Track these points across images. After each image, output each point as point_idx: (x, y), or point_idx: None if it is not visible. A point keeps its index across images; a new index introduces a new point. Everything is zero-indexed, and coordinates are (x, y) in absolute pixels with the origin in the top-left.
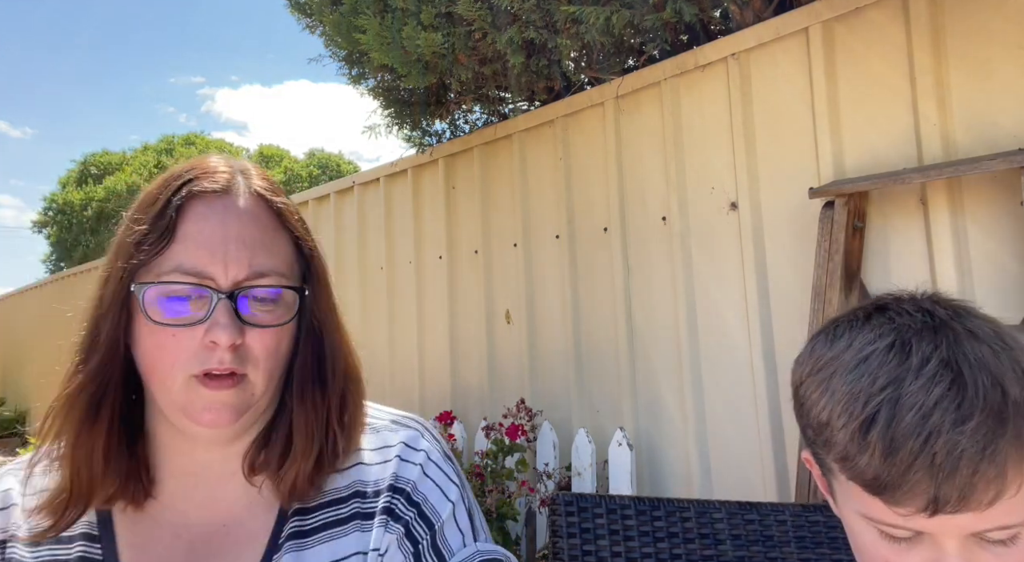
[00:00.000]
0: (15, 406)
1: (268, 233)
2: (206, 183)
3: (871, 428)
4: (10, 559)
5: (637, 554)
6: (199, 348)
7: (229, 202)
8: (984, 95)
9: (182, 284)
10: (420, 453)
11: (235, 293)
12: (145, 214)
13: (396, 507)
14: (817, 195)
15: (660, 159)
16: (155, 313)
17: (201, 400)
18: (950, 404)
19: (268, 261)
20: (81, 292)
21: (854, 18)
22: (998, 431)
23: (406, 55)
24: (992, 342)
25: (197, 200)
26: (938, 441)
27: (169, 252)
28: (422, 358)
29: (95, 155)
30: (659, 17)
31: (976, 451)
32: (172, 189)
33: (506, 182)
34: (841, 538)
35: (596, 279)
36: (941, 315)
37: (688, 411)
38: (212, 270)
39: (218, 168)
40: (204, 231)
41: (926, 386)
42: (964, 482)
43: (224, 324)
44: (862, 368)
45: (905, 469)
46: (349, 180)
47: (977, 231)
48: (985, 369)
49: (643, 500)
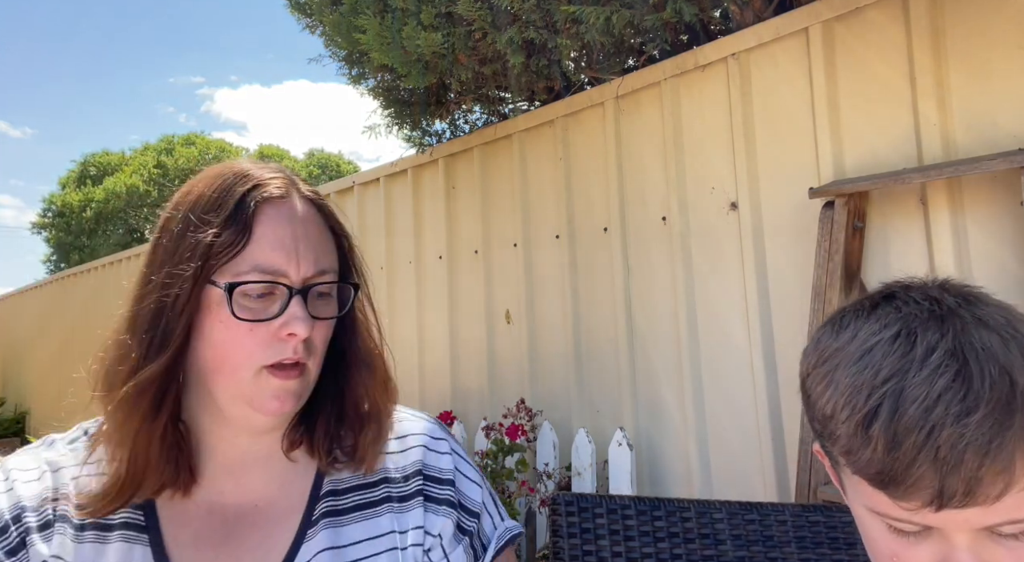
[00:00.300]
0: (15, 406)
1: (322, 233)
2: (272, 189)
3: (874, 421)
4: (62, 515)
5: (637, 554)
6: (273, 340)
7: (291, 205)
8: (984, 95)
9: (263, 282)
10: (445, 443)
11: (305, 289)
12: (215, 217)
13: (434, 493)
14: (817, 195)
15: (660, 159)
16: (239, 309)
17: (270, 389)
18: (954, 396)
19: (325, 259)
20: (81, 292)
21: (854, 18)
22: (1005, 423)
23: (406, 55)
24: (1002, 330)
25: (266, 204)
26: (942, 434)
27: (246, 252)
28: (422, 358)
29: (95, 155)
30: (659, 17)
31: (982, 444)
32: (238, 194)
33: (506, 182)
34: (841, 538)
35: (596, 279)
36: (949, 303)
37: (688, 411)
38: (287, 268)
39: (273, 175)
40: (277, 232)
41: (930, 377)
42: (970, 476)
43: (302, 317)
44: (865, 359)
45: (909, 463)
46: (349, 180)
47: (977, 231)
48: (993, 358)
49: (643, 500)
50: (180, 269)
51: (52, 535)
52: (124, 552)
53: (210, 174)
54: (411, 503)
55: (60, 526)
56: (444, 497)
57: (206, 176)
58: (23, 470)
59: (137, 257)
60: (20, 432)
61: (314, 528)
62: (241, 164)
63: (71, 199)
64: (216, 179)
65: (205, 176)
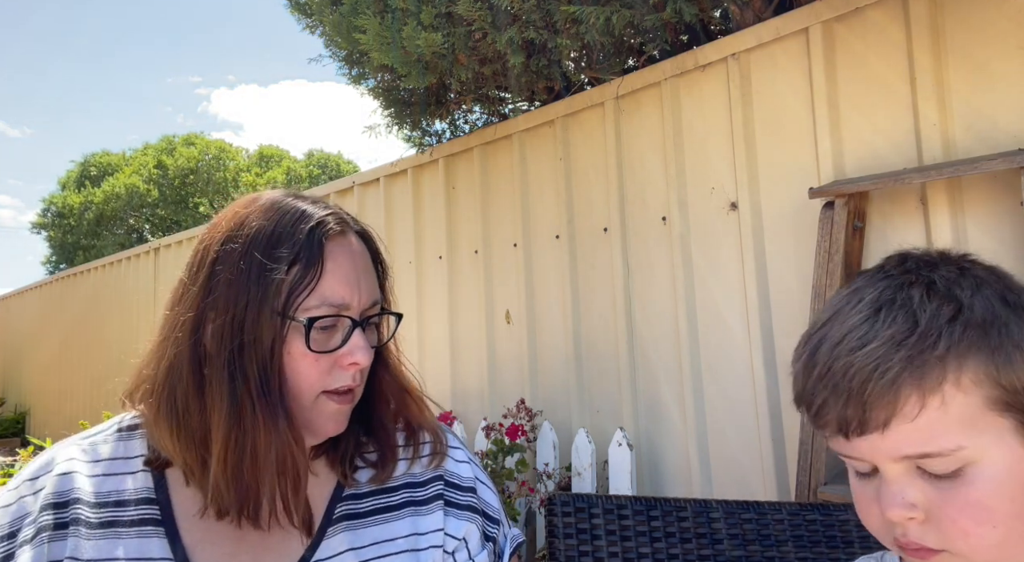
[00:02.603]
0: (15, 406)
1: (370, 264)
2: (333, 225)
3: (800, 357)
4: (76, 517)
5: (635, 554)
6: (334, 368)
7: (350, 241)
8: (984, 95)
9: (332, 316)
10: (461, 451)
11: (364, 320)
12: (287, 252)
13: (454, 499)
14: (817, 195)
15: (660, 159)
16: (314, 342)
17: (328, 413)
18: (857, 333)
19: (375, 290)
20: (81, 292)
21: (854, 18)
22: (891, 355)
23: (406, 55)
24: (940, 285)
25: (331, 241)
26: (837, 364)
27: (319, 287)
28: (422, 358)
29: (95, 155)
30: (659, 17)
31: (867, 371)
32: (305, 230)
33: (506, 182)
34: (838, 537)
35: (596, 279)
36: (910, 265)
37: (688, 411)
38: (351, 301)
39: (327, 211)
40: (343, 267)
41: (847, 320)
42: (857, 401)
43: (365, 347)
44: (822, 314)
45: (813, 391)
46: (349, 180)
47: (977, 231)
48: (906, 305)
49: (640, 500)
50: (260, 306)
51: (66, 536)
52: (140, 546)
53: (260, 206)
54: (431, 506)
55: (73, 529)
56: (467, 503)
57: (258, 209)
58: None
59: (138, 257)
60: (20, 432)
61: (334, 527)
62: (291, 199)
63: (72, 200)
64: (273, 213)
65: (257, 209)
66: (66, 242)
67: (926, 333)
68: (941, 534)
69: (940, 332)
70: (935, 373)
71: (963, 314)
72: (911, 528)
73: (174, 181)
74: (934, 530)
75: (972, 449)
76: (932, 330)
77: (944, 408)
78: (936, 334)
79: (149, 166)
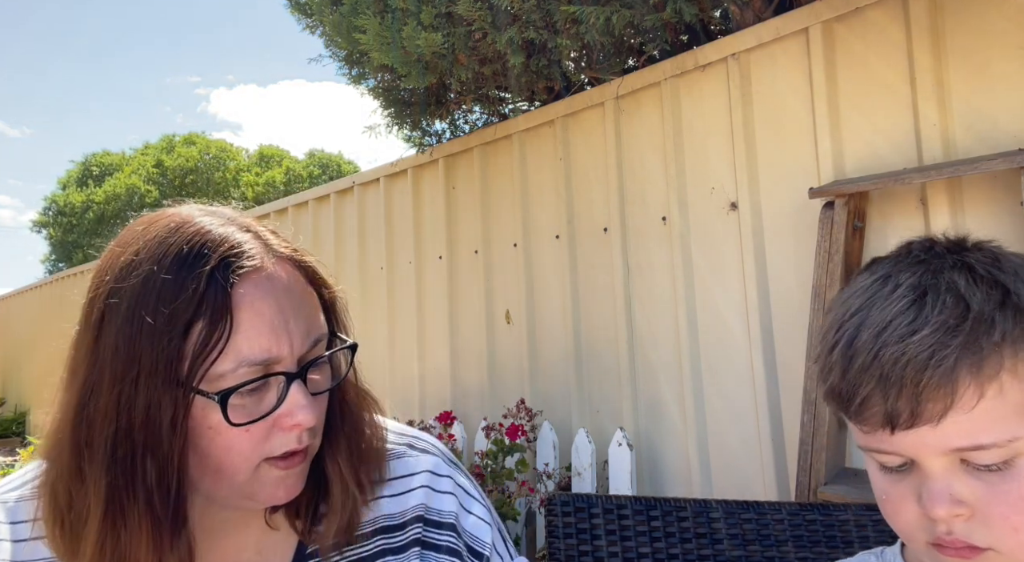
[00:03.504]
0: (15, 406)
1: (305, 294)
2: (244, 261)
3: (835, 349)
4: None
5: (634, 554)
6: (273, 432)
7: (269, 275)
8: (984, 95)
9: (256, 380)
10: (448, 480)
11: (303, 370)
12: (183, 309)
13: (434, 539)
14: (817, 195)
15: (660, 159)
16: (236, 416)
17: (272, 480)
18: (903, 319)
19: (315, 325)
20: (81, 292)
21: (854, 18)
22: (947, 342)
23: (406, 55)
24: (979, 268)
25: (242, 283)
26: (886, 354)
27: (229, 346)
28: (422, 358)
29: (96, 155)
30: (659, 17)
31: (922, 360)
32: (204, 276)
33: (506, 182)
34: (838, 537)
35: (596, 279)
36: (939, 250)
37: (688, 411)
38: (279, 352)
39: (239, 236)
40: (264, 313)
41: (888, 307)
42: (911, 392)
43: (306, 405)
44: (848, 301)
45: (857, 383)
46: (349, 180)
47: (977, 231)
48: (952, 289)
49: (640, 500)
50: (152, 380)
51: None
52: None
53: (152, 241)
54: (408, 554)
55: None
56: (445, 544)
57: (148, 245)
58: None
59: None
60: (20, 432)
61: None
62: (192, 225)
63: (74, 199)
64: (164, 250)
65: (146, 245)
66: (66, 241)
67: (980, 318)
68: (989, 531)
69: (994, 317)
70: (993, 360)
71: (1011, 299)
72: (956, 525)
73: (174, 181)
74: (981, 527)
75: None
76: (986, 315)
77: (1002, 397)
78: (990, 319)
79: (148, 166)
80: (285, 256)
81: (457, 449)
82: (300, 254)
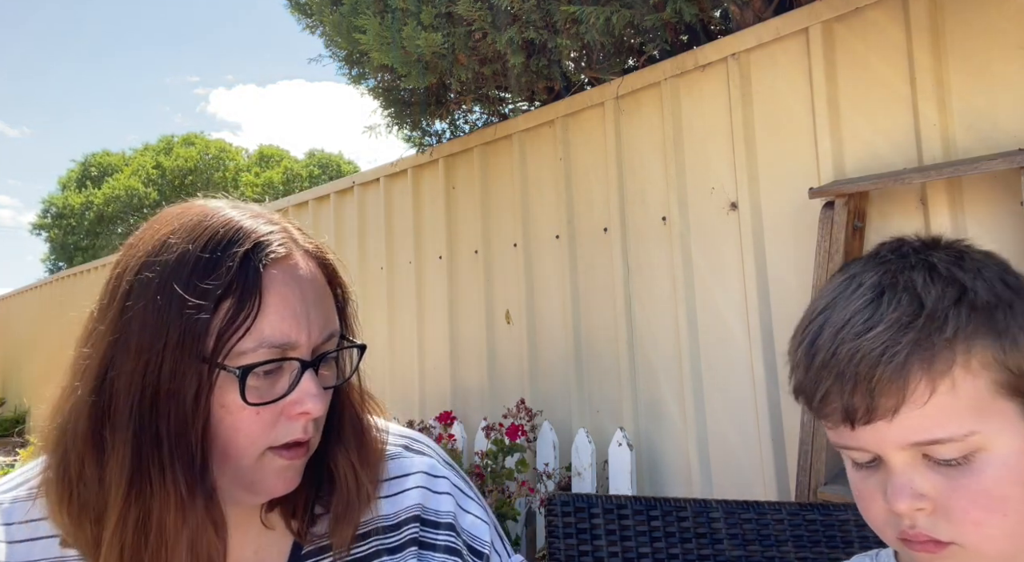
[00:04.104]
0: (15, 406)
1: (325, 290)
2: (276, 247)
3: (799, 347)
4: None
5: (634, 554)
6: (280, 419)
7: (296, 264)
8: (984, 95)
9: (274, 361)
10: (444, 481)
11: (316, 360)
12: (214, 284)
13: (431, 539)
14: (817, 195)
15: (660, 159)
16: (250, 396)
17: (274, 470)
18: (860, 317)
19: (331, 320)
20: (81, 292)
21: (854, 18)
22: (899, 338)
23: (406, 55)
24: (940, 268)
25: (272, 267)
26: (842, 350)
27: (256, 326)
28: (422, 358)
29: (95, 155)
30: (659, 17)
31: (875, 356)
32: (238, 255)
33: (506, 182)
34: (838, 537)
35: (596, 279)
36: (906, 250)
37: (688, 411)
38: (298, 339)
39: (270, 227)
40: (288, 299)
41: (848, 306)
42: (865, 387)
43: (316, 394)
44: (817, 301)
45: (817, 379)
46: (349, 180)
47: (977, 231)
48: (909, 288)
49: (640, 500)
50: (181, 352)
51: None
52: None
53: (187, 223)
54: (404, 554)
55: None
56: (443, 543)
57: (184, 227)
58: None
59: None
60: (20, 432)
61: None
62: (225, 213)
63: (73, 201)
64: (200, 232)
65: (182, 226)
66: (66, 242)
67: (933, 315)
68: (951, 525)
69: (947, 314)
70: (944, 356)
71: (967, 296)
72: (919, 519)
73: (173, 181)
74: (943, 521)
75: (983, 434)
76: (939, 312)
77: (954, 392)
78: (943, 316)
79: (148, 167)
80: (310, 251)
81: (457, 449)
82: (323, 252)
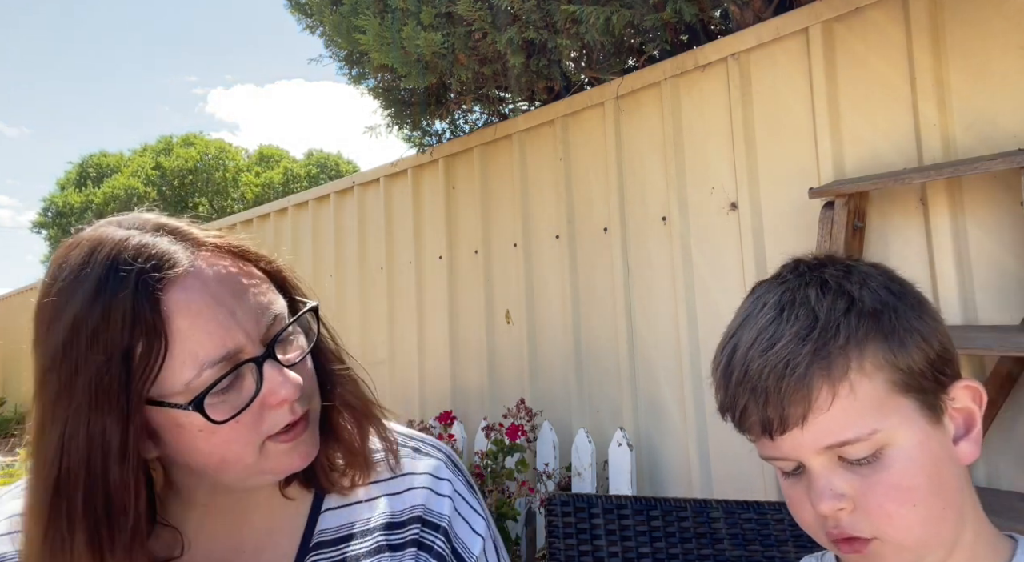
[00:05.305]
0: (15, 406)
1: (248, 276)
2: (166, 270)
3: (716, 370)
4: None
5: (634, 554)
6: (265, 413)
7: (198, 272)
8: (984, 95)
9: (224, 376)
10: (447, 484)
11: (270, 350)
12: (115, 335)
13: (429, 541)
14: (817, 195)
15: (660, 159)
16: (214, 412)
17: (280, 452)
18: (766, 334)
19: (266, 302)
20: None
21: (854, 18)
22: (799, 350)
23: (406, 55)
24: (831, 283)
25: (171, 289)
26: (753, 366)
27: (176, 354)
28: (422, 358)
29: (93, 156)
30: (659, 17)
31: (779, 369)
32: (129, 297)
33: (506, 182)
34: None
35: (596, 279)
36: (802, 269)
37: (688, 411)
38: (235, 344)
39: (153, 244)
40: (203, 313)
41: (753, 325)
42: (775, 399)
43: (283, 380)
44: (731, 324)
45: (735, 396)
46: (349, 180)
47: (977, 231)
48: (805, 304)
49: (640, 500)
50: (98, 417)
51: None
52: None
53: (67, 278)
54: (404, 554)
55: None
56: (435, 547)
57: (66, 285)
58: None
59: None
60: (21, 433)
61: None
62: (102, 241)
63: (72, 200)
64: (78, 284)
65: (65, 285)
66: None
67: (826, 326)
68: (869, 521)
69: (839, 324)
70: (840, 362)
71: (856, 305)
72: (842, 519)
73: (173, 182)
74: (863, 518)
75: (885, 431)
76: (831, 323)
77: (853, 395)
78: (835, 326)
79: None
80: (210, 245)
81: (457, 449)
82: (224, 238)
